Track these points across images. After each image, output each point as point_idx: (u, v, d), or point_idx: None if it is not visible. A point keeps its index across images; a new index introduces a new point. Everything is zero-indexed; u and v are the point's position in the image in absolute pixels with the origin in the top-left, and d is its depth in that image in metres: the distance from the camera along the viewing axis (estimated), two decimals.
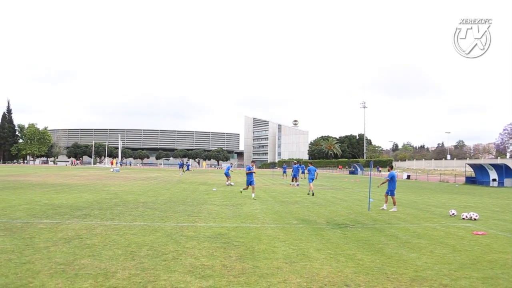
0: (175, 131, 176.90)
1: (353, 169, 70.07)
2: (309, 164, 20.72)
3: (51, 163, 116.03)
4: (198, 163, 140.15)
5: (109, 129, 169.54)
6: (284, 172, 40.29)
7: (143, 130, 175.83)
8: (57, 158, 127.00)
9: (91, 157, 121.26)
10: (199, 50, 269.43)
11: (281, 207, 13.40)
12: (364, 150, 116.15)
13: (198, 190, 20.30)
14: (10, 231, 7.77)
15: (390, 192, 13.13)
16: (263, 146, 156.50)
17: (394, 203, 13.13)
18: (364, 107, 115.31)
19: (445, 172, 57.11)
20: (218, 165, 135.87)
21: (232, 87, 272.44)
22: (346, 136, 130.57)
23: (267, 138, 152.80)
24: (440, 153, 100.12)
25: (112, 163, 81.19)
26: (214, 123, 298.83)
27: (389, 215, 11.80)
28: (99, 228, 8.30)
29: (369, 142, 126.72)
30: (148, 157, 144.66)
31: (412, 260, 6.20)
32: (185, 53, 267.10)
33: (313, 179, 19.40)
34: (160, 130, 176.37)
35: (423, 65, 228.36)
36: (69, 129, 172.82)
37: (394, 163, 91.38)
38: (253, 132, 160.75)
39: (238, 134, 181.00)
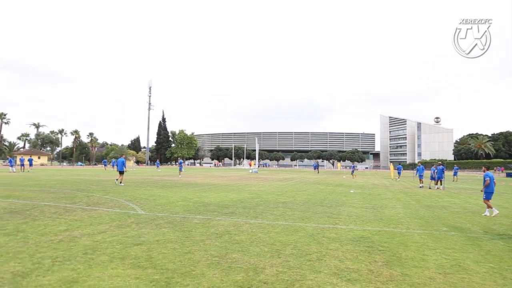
0: (308, 132, 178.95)
1: None
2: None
3: (197, 165, 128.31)
4: (333, 164, 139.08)
5: (247, 133, 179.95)
6: (399, 173, 38.13)
7: (278, 132, 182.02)
8: (202, 160, 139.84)
9: (231, 159, 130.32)
10: (329, 50, 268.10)
11: (426, 211, 12.44)
12: None
13: (335, 191, 20.13)
14: (172, 224, 8.84)
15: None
16: (400, 146, 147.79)
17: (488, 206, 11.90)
18: None
19: None
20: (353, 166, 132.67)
21: (365, 85, 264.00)
22: (501, 133, 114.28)
23: (405, 137, 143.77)
24: None
25: (250, 165, 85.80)
26: (348, 124, 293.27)
27: None
28: (245, 226, 8.85)
29: None
30: (283, 159, 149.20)
31: None
32: (316, 55, 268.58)
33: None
34: (295, 132, 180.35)
35: None
36: (212, 134, 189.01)
37: None
38: (390, 131, 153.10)
39: (374, 134, 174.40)
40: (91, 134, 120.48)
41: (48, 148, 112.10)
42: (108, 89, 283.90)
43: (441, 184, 24.23)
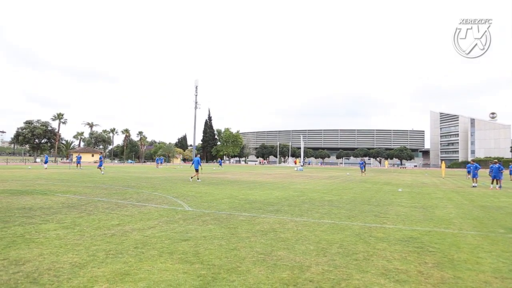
0: (354, 130, 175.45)
1: None
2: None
3: (242, 163, 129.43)
4: (380, 162, 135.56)
5: (292, 130, 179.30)
6: (469, 171, 36.29)
7: (323, 130, 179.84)
8: (247, 158, 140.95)
9: (276, 157, 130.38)
10: (376, 46, 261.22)
11: (481, 212, 11.83)
12: None
13: (383, 190, 19.62)
14: (218, 220, 8.99)
15: None
16: (452, 143, 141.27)
17: None
18: None
19: None
20: (401, 164, 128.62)
21: (413, 80, 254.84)
22: None
23: (457, 134, 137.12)
24: None
25: (295, 162, 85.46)
26: (396, 120, 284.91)
27: None
28: (290, 223, 8.83)
29: None
30: (328, 157, 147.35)
31: None
32: (363, 51, 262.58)
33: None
34: (340, 130, 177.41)
35: None
36: (257, 132, 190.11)
37: None
38: (440, 128, 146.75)
39: (423, 131, 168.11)
40: (140, 133, 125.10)
41: (101, 146, 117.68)
42: (156, 89, 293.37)
43: (497, 184, 22.94)
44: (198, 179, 23.99)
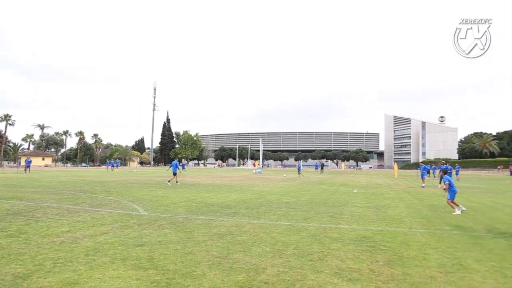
0: (313, 132, 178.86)
1: None
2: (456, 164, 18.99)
3: (201, 165, 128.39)
4: (337, 164, 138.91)
5: (251, 133, 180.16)
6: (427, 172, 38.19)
7: (282, 133, 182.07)
8: (206, 160, 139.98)
9: (235, 160, 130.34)
10: (332, 50, 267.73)
11: (429, 211, 12.39)
12: None
13: (339, 191, 20.09)
14: (174, 224, 8.85)
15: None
16: (405, 145, 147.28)
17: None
18: None
19: None
20: (357, 166, 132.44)
21: (369, 85, 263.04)
22: (506, 132, 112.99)
23: (410, 136, 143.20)
24: None
25: (254, 165, 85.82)
26: (353, 123, 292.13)
27: None
28: (247, 226, 8.84)
29: None
30: (287, 159, 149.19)
31: None
32: (319, 55, 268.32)
33: None
34: (299, 132, 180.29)
35: None
36: (216, 134, 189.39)
37: None
38: (394, 131, 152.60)
39: (378, 134, 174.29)
40: (95, 135, 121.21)
41: (53, 149, 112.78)
42: (113, 91, 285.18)
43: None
44: (177, 182, 24.07)
